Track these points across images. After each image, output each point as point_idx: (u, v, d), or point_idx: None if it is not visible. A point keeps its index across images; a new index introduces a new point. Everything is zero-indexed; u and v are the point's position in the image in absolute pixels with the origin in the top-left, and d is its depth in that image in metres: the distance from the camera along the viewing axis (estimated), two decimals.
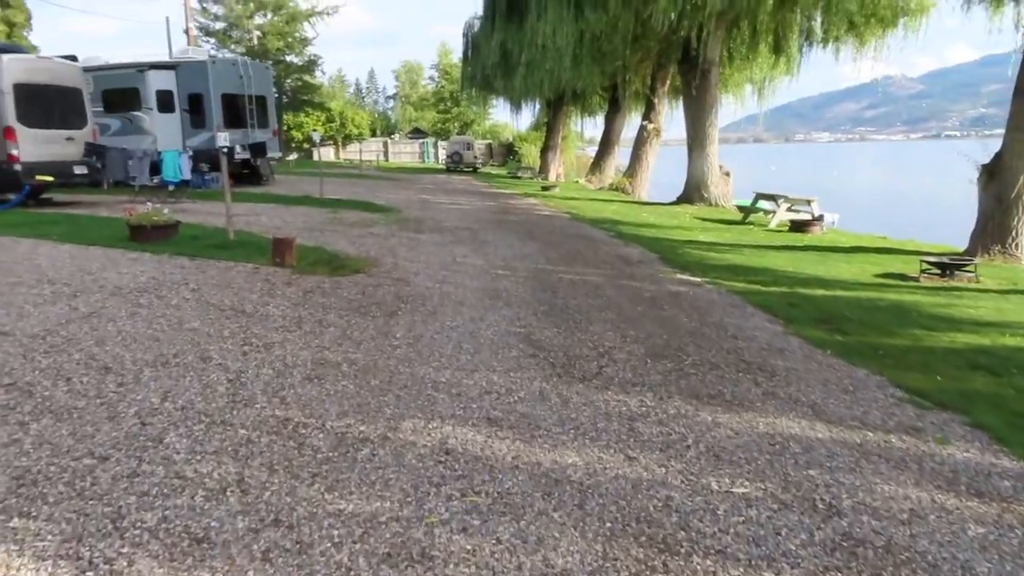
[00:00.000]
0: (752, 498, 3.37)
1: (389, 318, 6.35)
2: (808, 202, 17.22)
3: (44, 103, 14.48)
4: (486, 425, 4.10)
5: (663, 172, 31.36)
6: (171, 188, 15.84)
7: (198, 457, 3.48)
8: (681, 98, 24.75)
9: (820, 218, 16.45)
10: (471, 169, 41.20)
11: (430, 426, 4.03)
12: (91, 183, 15.63)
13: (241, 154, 19.15)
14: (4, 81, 13.68)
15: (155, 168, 16.25)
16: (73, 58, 15.80)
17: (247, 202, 16.17)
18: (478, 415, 4.24)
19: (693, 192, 22.60)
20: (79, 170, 15.05)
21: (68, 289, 6.83)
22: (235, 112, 20.65)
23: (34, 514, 2.88)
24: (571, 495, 3.30)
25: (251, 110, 21.03)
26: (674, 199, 23.32)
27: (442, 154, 50.39)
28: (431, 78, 72.89)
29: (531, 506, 3.18)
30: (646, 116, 29.02)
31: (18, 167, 13.83)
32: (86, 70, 19.56)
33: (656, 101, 28.46)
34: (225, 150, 10.29)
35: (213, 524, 2.87)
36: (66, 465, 3.34)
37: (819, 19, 21.34)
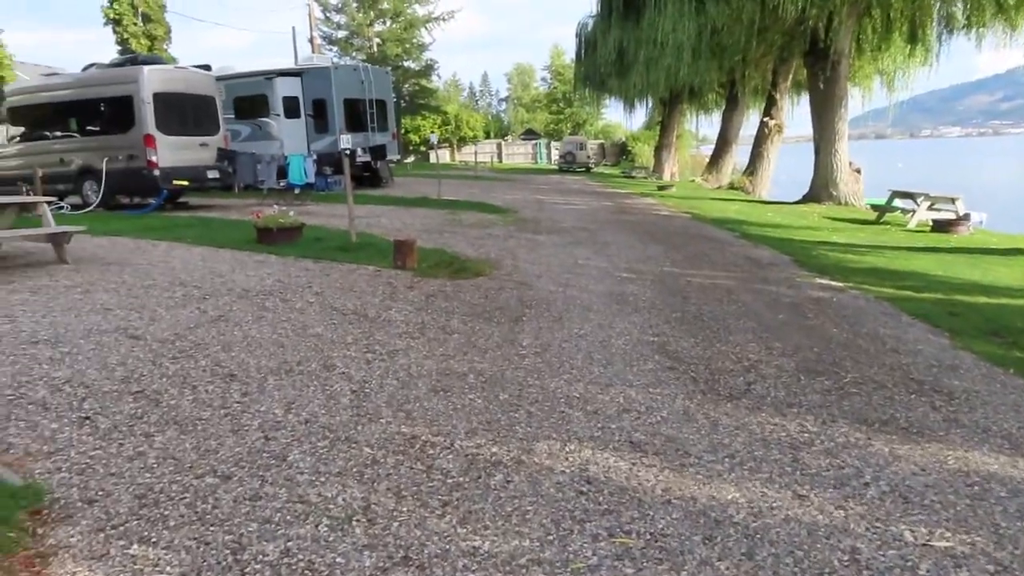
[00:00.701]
0: (960, 555, 2.80)
1: (514, 324, 6.03)
2: (952, 200, 15.74)
3: (180, 111, 15.14)
4: (629, 449, 3.68)
5: (783, 170, 29.83)
6: (296, 191, 16.25)
7: (322, 479, 3.24)
8: (805, 92, 23.39)
9: (966, 217, 14.99)
10: (584, 169, 40.72)
11: (567, 449, 3.65)
12: (223, 187, 16.25)
13: (362, 157, 19.51)
14: (145, 91, 14.38)
15: (281, 172, 16.73)
16: (207, 67, 16.50)
17: (367, 204, 16.37)
18: (619, 437, 3.83)
19: (820, 190, 21.27)
20: (212, 174, 15.65)
21: (198, 292, 6.90)
22: (356, 116, 21.08)
23: (154, 540, 2.70)
24: (736, 541, 2.84)
25: (371, 114, 21.41)
26: (799, 198, 22.05)
27: (555, 155, 50.15)
28: (543, 79, 72.93)
29: (691, 552, 2.75)
30: (767, 112, 27.64)
31: (157, 172, 14.50)
32: (218, 79, 20.47)
33: (778, 96, 27.07)
34: (348, 152, 10.30)
35: (338, 560, 2.60)
36: (188, 484, 3.17)
37: (960, 4, 19.58)
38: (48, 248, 8.56)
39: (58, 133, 16.11)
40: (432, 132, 28.32)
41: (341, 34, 47.32)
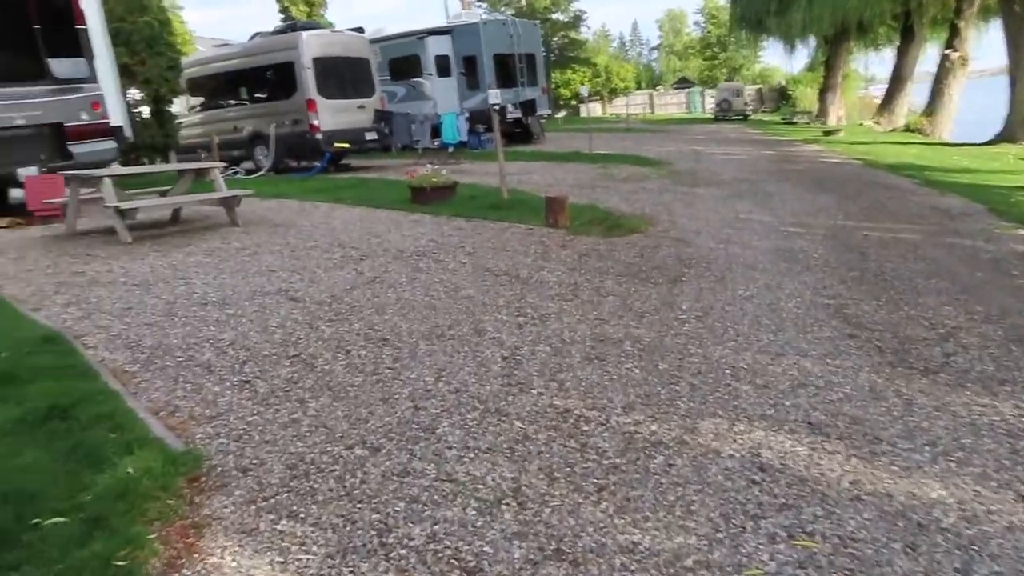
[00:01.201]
0: None
1: (672, 285, 5.64)
2: None
3: (338, 74, 15.58)
4: (807, 432, 3.27)
5: (968, 108, 26.66)
6: (450, 150, 16.38)
7: (471, 455, 3.09)
8: (994, 19, 20.65)
9: None
10: (741, 117, 38.59)
11: (735, 429, 3.29)
12: (381, 148, 16.66)
13: (513, 113, 19.37)
14: (305, 56, 14.89)
15: (435, 131, 16.90)
16: (360, 30, 16.83)
17: (519, 160, 16.23)
18: (794, 417, 3.42)
19: (1017, 128, 18.88)
20: (370, 136, 16.07)
21: (356, 253, 7.01)
22: (506, 72, 20.90)
23: (303, 515, 2.65)
24: (946, 552, 2.40)
25: (521, 68, 21.16)
26: (990, 138, 19.67)
27: (709, 103, 47.90)
28: (696, 24, 69.51)
29: (890, 564, 2.34)
30: (949, 44, 24.62)
31: (319, 136, 15.05)
32: (373, 41, 20.92)
33: (962, 25, 24.02)
34: (497, 108, 10.12)
35: (486, 550, 2.42)
36: (338, 455, 3.12)
37: None
38: (221, 211, 9.04)
39: (230, 101, 17.09)
40: (582, 85, 27.66)
41: None
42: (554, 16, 47.57)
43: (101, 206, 8.04)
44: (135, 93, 15.03)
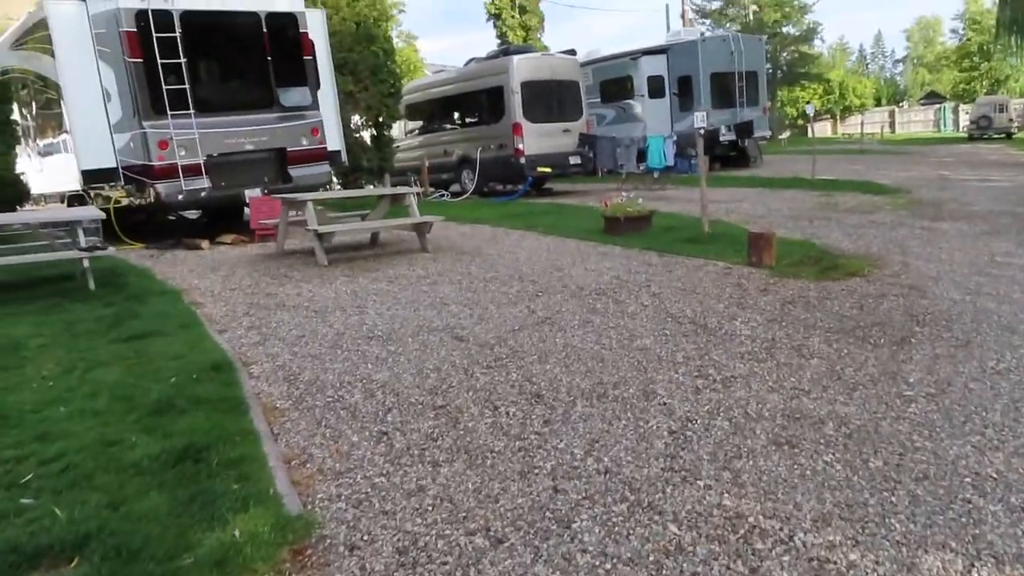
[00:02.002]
0: None
1: (897, 348, 4.63)
2: None
3: (545, 98, 15.50)
4: None
5: None
6: (655, 175, 15.69)
7: (607, 565, 2.49)
8: None
9: None
10: (1004, 135, 33.89)
11: (975, 573, 2.41)
12: (584, 172, 16.36)
13: (726, 135, 18.28)
14: (514, 80, 14.96)
15: (641, 155, 16.29)
16: (572, 52, 16.67)
17: (730, 187, 15.20)
18: None
19: None
20: (573, 160, 15.82)
21: (533, 288, 6.62)
22: (724, 91, 19.81)
23: None
24: None
25: (741, 87, 19.94)
26: None
27: (963, 120, 42.70)
28: (953, 31, 62.50)
29: None
30: None
31: (523, 160, 15.04)
32: (585, 64, 20.75)
33: None
34: (703, 131, 9.37)
35: None
36: (455, 541, 2.66)
37: None
38: (414, 236, 9.10)
39: (443, 126, 17.65)
40: (808, 103, 25.63)
41: (715, 5, 45.61)
42: (784, 30, 44.95)
43: (304, 228, 8.36)
44: (357, 119, 15.93)
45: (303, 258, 8.53)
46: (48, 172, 11.82)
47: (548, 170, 15.31)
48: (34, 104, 11.87)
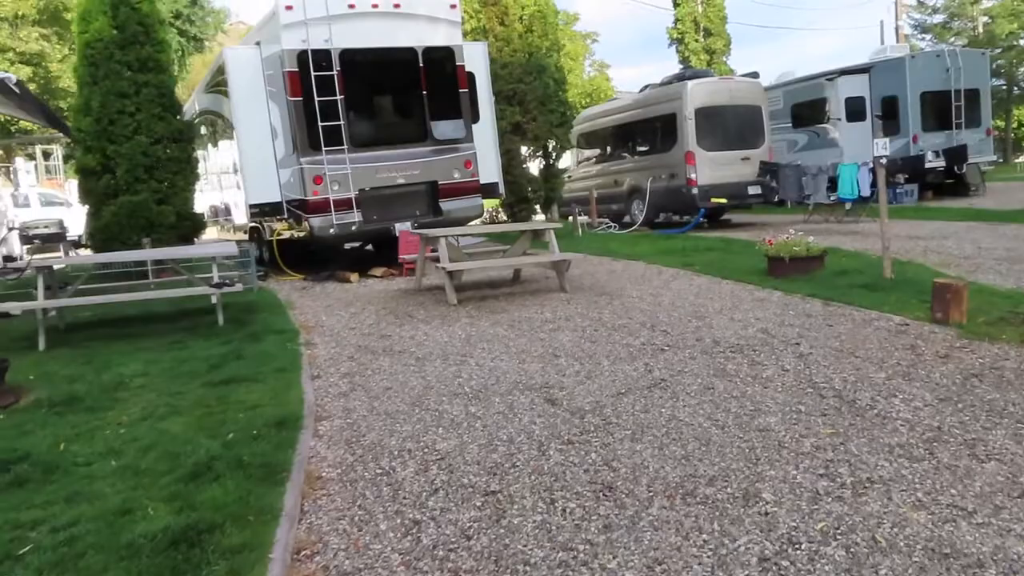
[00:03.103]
0: None
1: None
2: None
3: (723, 124, 14.44)
4: None
5: None
6: (848, 206, 14.03)
7: None
8: None
9: None
10: None
11: None
12: (767, 202, 15.04)
13: (933, 162, 16.10)
14: (688, 107, 14.06)
15: (833, 184, 14.70)
16: (754, 75, 15.47)
17: (939, 219, 13.27)
18: None
19: None
20: (753, 190, 14.57)
21: (663, 340, 5.84)
22: (937, 112, 17.52)
23: None
24: None
25: (958, 108, 17.53)
26: None
27: None
28: None
29: None
30: None
31: (695, 191, 14.06)
32: (774, 86, 19.31)
33: None
34: (883, 161, 8.07)
35: None
36: None
37: None
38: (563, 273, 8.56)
39: (615, 155, 17.04)
40: None
41: (937, 19, 41.23)
42: (1022, 42, 39.62)
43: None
44: (524, 149, 15.76)
45: (438, 295, 8.28)
46: (230, 205, 12.68)
47: (723, 201, 14.19)
48: (220, 142, 12.78)
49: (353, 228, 10.17)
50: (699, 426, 3.98)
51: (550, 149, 16.10)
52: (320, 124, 9.79)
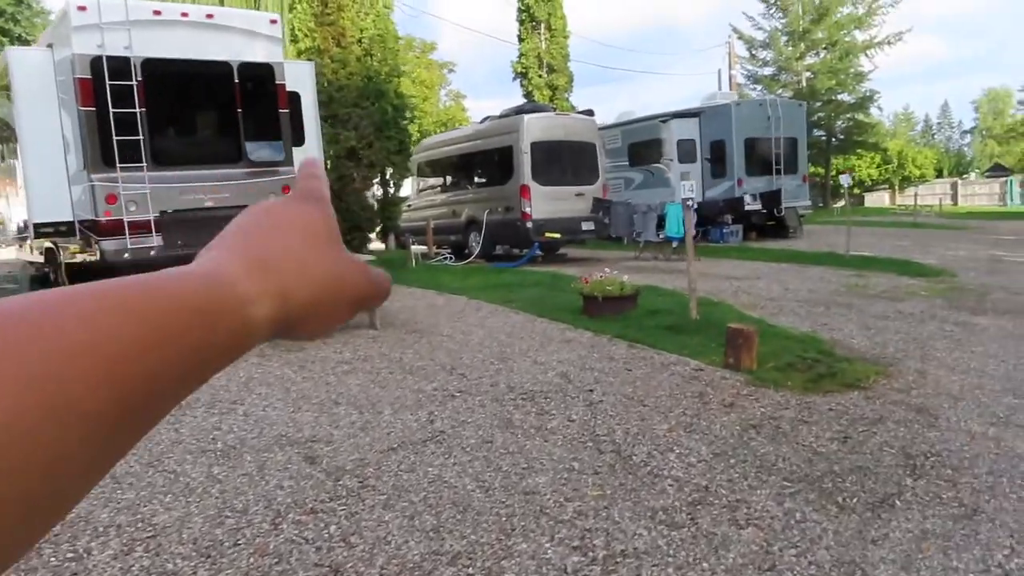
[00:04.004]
0: None
1: (872, 515, 3.34)
2: None
3: (557, 160, 14.58)
4: None
5: None
6: (674, 244, 14.50)
7: None
8: None
9: None
10: None
11: None
12: (598, 238, 15.29)
13: (752, 204, 17.04)
14: (524, 141, 14.08)
15: (662, 222, 15.17)
16: (590, 112, 15.78)
17: (756, 260, 13.93)
18: None
19: None
20: (586, 226, 14.78)
21: (457, 384, 5.51)
22: (760, 157, 18.63)
23: None
24: None
25: (777, 154, 18.72)
26: None
27: None
28: (1021, 103, 60.20)
29: None
30: None
31: (529, 225, 14.05)
32: (613, 126, 19.88)
33: None
34: (692, 203, 8.25)
35: None
36: None
37: None
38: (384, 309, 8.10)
39: (454, 185, 16.85)
40: (843, 173, 24.24)
41: (767, 71, 44.54)
42: (839, 96, 43.48)
43: None
44: (357, 176, 15.24)
45: None
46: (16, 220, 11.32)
47: (557, 236, 14.28)
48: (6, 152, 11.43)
49: (152, 253, 9.24)
50: (463, 488, 3.64)
51: (388, 176, 15.65)
52: (115, 138, 8.85)
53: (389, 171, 15.52)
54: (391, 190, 16.08)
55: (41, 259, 11.15)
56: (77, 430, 0.27)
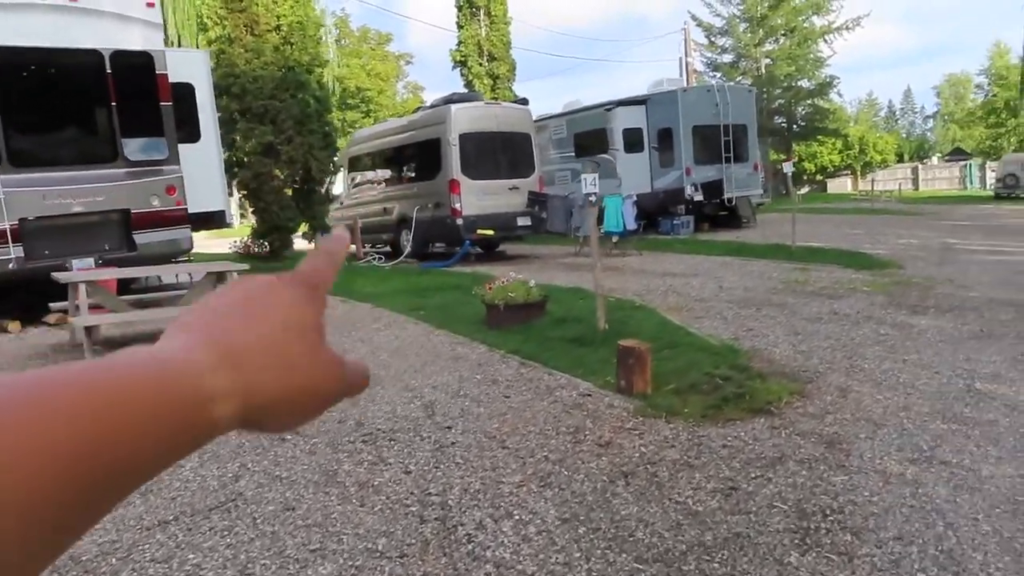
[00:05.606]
0: None
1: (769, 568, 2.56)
2: None
3: (491, 152, 13.73)
4: None
5: None
6: (614, 239, 13.73)
7: None
8: None
9: None
10: None
11: None
12: (535, 233, 14.48)
13: (695, 195, 16.34)
14: (452, 132, 13.21)
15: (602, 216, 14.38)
16: (524, 101, 14.95)
17: (699, 253, 13.24)
18: None
19: None
20: (522, 221, 13.95)
21: (324, 415, 4.65)
22: (708, 146, 17.93)
23: None
24: None
25: (727, 142, 18.03)
26: None
27: (990, 178, 40.32)
28: (979, 87, 60.30)
29: None
30: None
31: (460, 221, 13.21)
32: (559, 115, 19.06)
33: None
34: (593, 199, 7.46)
35: None
36: None
37: None
38: None
39: (386, 181, 15.94)
40: (785, 161, 23.69)
41: (726, 58, 43.99)
42: (799, 83, 43.08)
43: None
44: (278, 172, 14.26)
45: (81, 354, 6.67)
46: None
47: (490, 233, 13.44)
48: None
49: (11, 267, 8.26)
50: (296, 544, 2.80)
51: (313, 173, 14.69)
52: None
53: (313, 167, 14.53)
54: (318, 188, 15.10)
55: None
56: (13, 525, 0.27)
